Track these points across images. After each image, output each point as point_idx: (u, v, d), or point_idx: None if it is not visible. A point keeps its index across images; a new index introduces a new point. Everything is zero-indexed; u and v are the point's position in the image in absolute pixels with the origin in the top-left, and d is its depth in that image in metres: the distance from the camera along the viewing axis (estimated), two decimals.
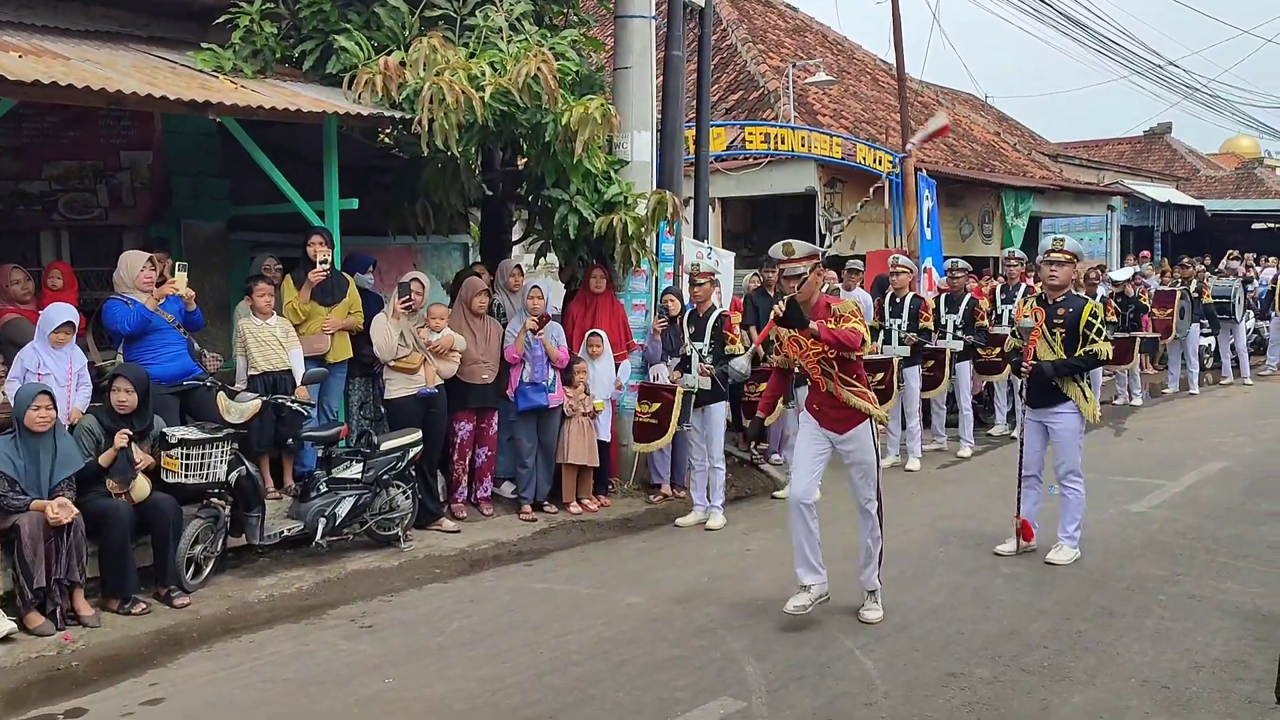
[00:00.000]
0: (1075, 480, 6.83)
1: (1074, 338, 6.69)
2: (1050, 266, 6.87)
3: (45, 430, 5.77)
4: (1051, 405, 6.79)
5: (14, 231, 8.05)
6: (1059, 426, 6.80)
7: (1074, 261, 6.91)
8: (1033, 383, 6.82)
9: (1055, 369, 6.67)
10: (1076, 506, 6.85)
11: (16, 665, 5.18)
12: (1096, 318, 6.70)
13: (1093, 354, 6.65)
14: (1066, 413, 6.77)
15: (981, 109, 27.78)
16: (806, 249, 5.49)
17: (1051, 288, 6.87)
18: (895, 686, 4.86)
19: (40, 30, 7.58)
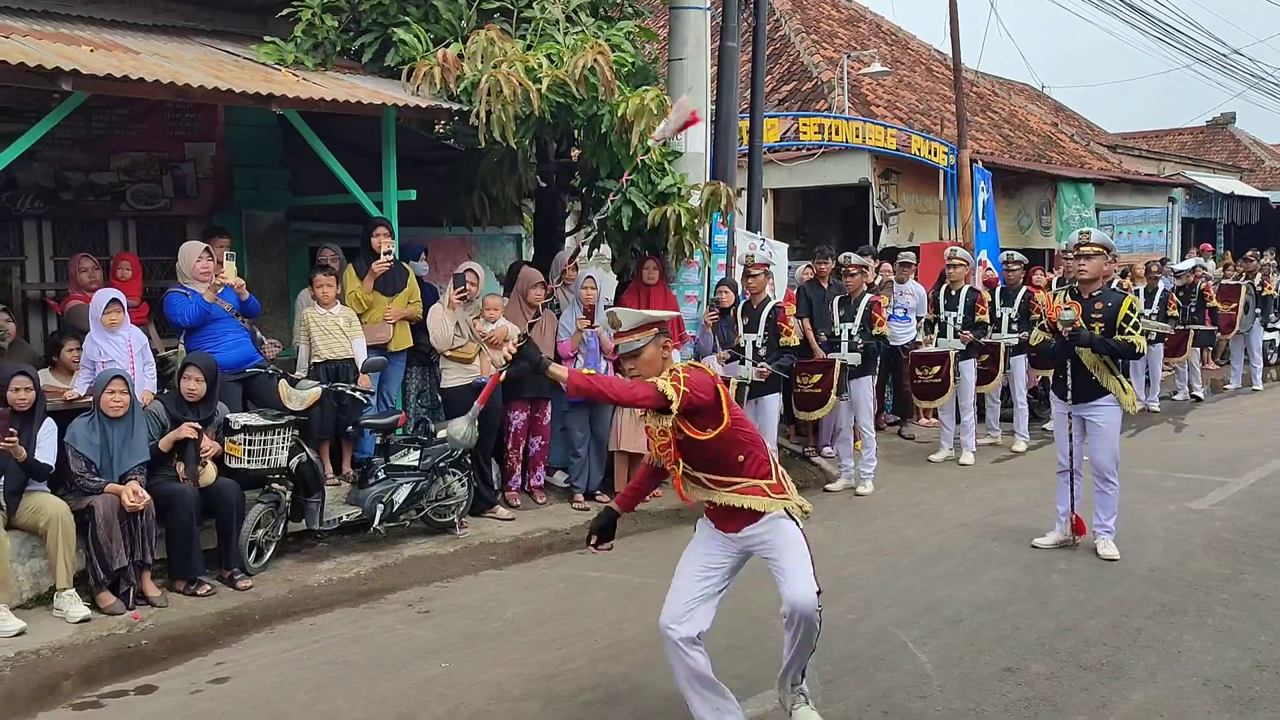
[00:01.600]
0: (1113, 474, 6.77)
1: (1112, 332, 6.59)
2: (1079, 260, 6.76)
3: (120, 415, 5.93)
4: (1091, 399, 6.71)
5: (84, 221, 8.27)
6: (1099, 420, 6.71)
7: (1104, 253, 6.76)
8: (1075, 376, 6.73)
9: (1093, 339, 6.55)
10: (1115, 500, 6.81)
11: (89, 643, 5.35)
12: (1135, 311, 6.62)
13: (1130, 343, 6.54)
14: (1106, 405, 6.69)
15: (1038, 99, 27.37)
16: (635, 319, 4.12)
17: (1083, 282, 6.76)
18: (950, 680, 4.85)
19: (110, 25, 7.76)
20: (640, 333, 4.10)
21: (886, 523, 7.84)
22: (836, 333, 8.83)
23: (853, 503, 8.50)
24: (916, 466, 9.78)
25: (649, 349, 4.10)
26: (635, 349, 4.10)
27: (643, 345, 4.09)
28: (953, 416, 10.03)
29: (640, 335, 4.10)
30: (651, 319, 4.14)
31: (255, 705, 4.61)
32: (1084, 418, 6.78)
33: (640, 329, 4.10)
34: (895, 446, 10.54)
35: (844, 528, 7.71)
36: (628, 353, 4.11)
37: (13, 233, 7.98)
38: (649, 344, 4.10)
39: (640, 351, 4.09)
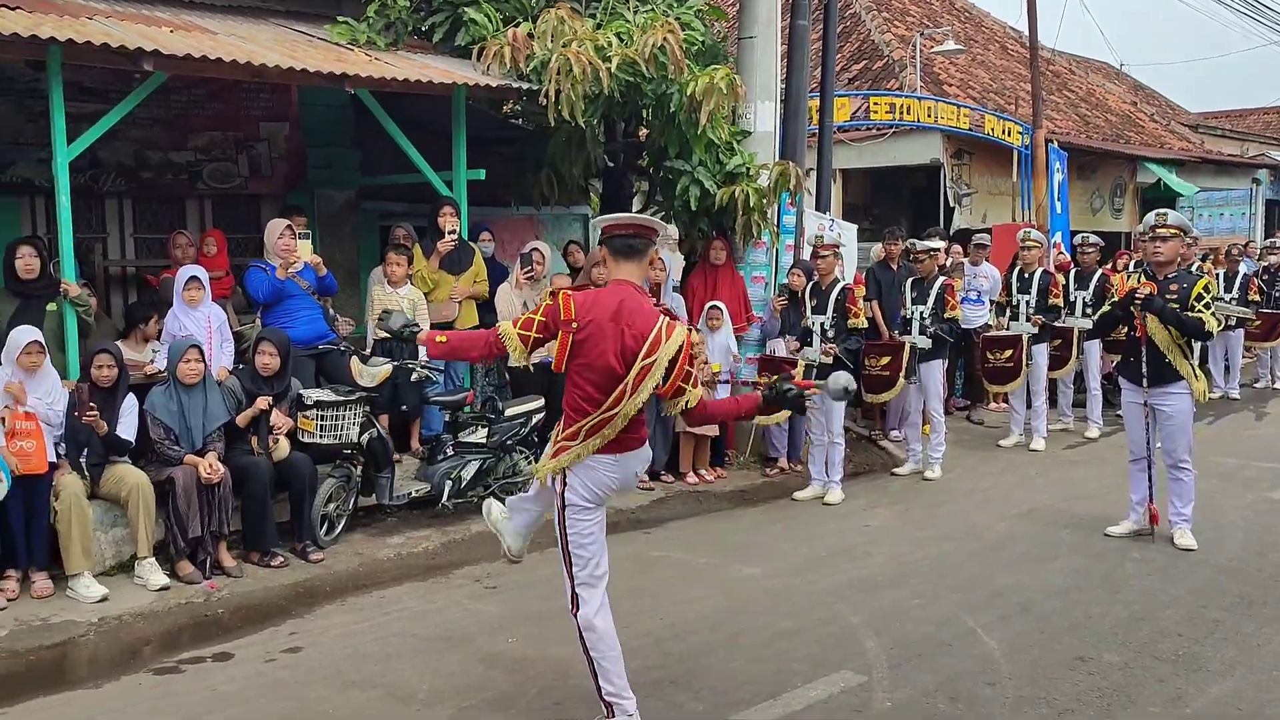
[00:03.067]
0: (1186, 462, 6.62)
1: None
2: (1155, 243, 6.57)
3: (195, 383, 6.09)
4: (1162, 385, 6.54)
5: (162, 199, 8.46)
6: (1171, 408, 6.55)
7: (1180, 236, 6.60)
8: (1148, 359, 6.56)
9: (1162, 308, 6.36)
10: (1190, 488, 6.66)
11: (168, 610, 5.51)
12: (1209, 292, 6.45)
13: (1200, 320, 6.34)
14: (1178, 393, 6.52)
15: (1116, 77, 26.65)
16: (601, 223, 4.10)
17: (1158, 264, 6.58)
18: (1019, 667, 4.78)
19: (187, 6, 7.90)
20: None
21: (954, 508, 7.74)
22: (907, 315, 8.71)
23: (920, 487, 8.41)
24: (985, 452, 9.63)
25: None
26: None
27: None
28: (1023, 401, 9.85)
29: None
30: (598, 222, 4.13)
31: (327, 675, 4.71)
32: (1155, 406, 6.62)
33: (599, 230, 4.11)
34: (964, 431, 10.39)
35: (912, 512, 7.63)
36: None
37: (96, 210, 8.19)
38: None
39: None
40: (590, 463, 3.96)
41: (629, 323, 3.86)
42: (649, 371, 3.84)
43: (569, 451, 3.96)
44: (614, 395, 3.86)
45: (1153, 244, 6.61)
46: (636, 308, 3.90)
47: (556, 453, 4.00)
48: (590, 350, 3.87)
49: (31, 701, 4.47)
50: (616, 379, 3.86)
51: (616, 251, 3.99)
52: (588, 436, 3.92)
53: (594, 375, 3.89)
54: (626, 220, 4.09)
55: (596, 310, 3.89)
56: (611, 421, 3.89)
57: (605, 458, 3.97)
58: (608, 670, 4.02)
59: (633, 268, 3.99)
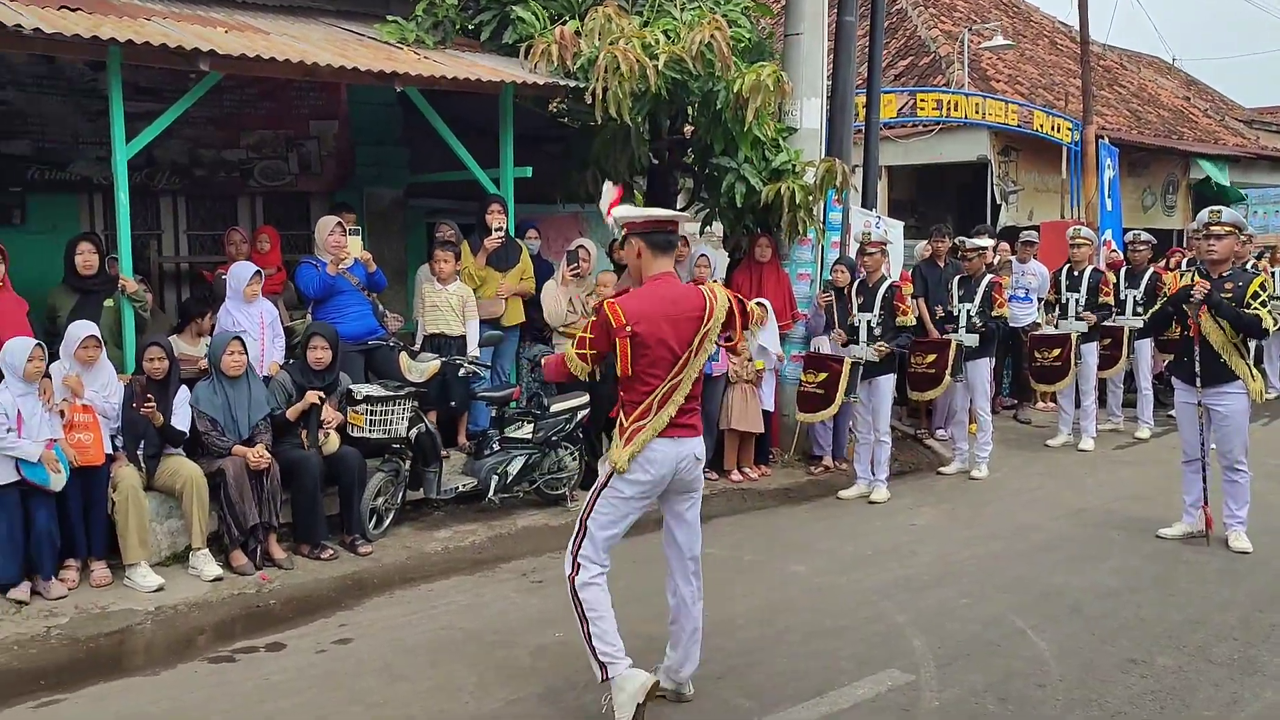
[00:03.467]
0: (1243, 464, 6.51)
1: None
2: (1209, 240, 6.46)
3: (239, 375, 6.19)
4: (1218, 384, 6.43)
5: (215, 197, 8.60)
6: (1227, 409, 6.43)
7: (1235, 234, 6.47)
8: (1203, 359, 6.45)
9: (1220, 302, 6.26)
10: (1246, 489, 6.55)
11: (222, 600, 5.61)
12: (1265, 290, 6.34)
13: (1257, 317, 6.24)
14: (1234, 393, 6.41)
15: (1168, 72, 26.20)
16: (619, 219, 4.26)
17: (1212, 262, 6.47)
18: (1070, 669, 4.73)
19: (240, 6, 8.02)
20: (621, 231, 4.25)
21: (1001, 507, 7.67)
22: (954, 312, 8.64)
23: (967, 486, 8.34)
24: (1033, 451, 9.53)
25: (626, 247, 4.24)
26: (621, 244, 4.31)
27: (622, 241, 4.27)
28: (1072, 401, 9.74)
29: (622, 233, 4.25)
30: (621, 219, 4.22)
31: (377, 667, 4.77)
32: (1210, 406, 6.52)
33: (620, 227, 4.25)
34: (1010, 430, 10.28)
35: (958, 511, 7.58)
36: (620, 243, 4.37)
37: (151, 207, 8.35)
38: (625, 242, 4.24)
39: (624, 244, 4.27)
40: (652, 444, 4.09)
41: (682, 309, 4.08)
42: (709, 335, 4.11)
43: (644, 430, 4.09)
44: (681, 364, 4.07)
45: (1207, 241, 6.50)
46: (683, 293, 4.15)
47: (630, 437, 4.11)
48: (653, 348, 4.04)
49: (93, 687, 4.57)
50: (679, 358, 4.07)
51: (657, 246, 4.15)
52: (659, 409, 4.08)
53: (658, 368, 4.06)
54: (663, 216, 4.25)
55: (645, 308, 4.05)
56: (679, 386, 4.07)
57: (664, 440, 4.10)
58: (603, 631, 4.14)
59: (669, 260, 4.22)
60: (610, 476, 4.17)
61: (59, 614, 5.31)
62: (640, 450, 4.08)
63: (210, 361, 6.26)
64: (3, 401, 5.36)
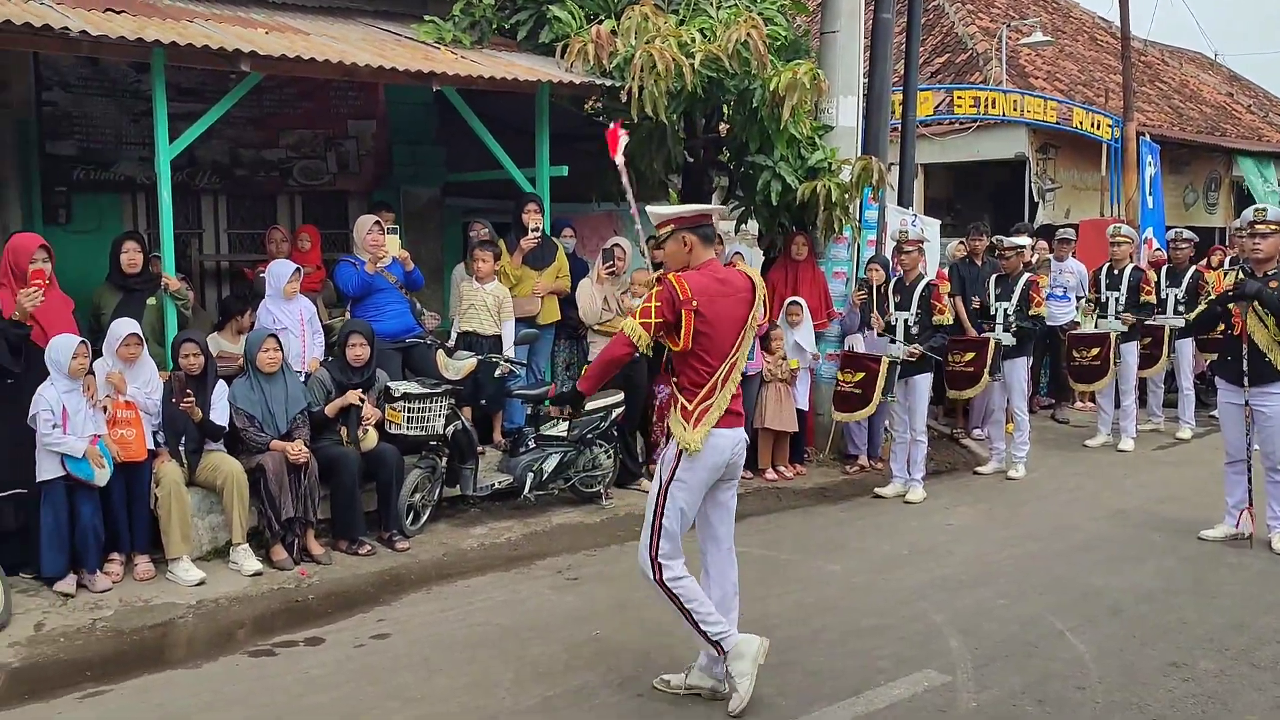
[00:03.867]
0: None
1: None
2: (1254, 239, 6.37)
3: (274, 371, 6.26)
4: (1263, 384, 6.33)
5: (255, 196, 8.70)
6: (1271, 409, 6.34)
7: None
8: (1251, 359, 6.36)
9: (1261, 291, 6.19)
10: None
11: (261, 595, 5.68)
12: None
13: None
14: (1278, 394, 6.32)
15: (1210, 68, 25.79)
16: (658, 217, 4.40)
17: (1256, 261, 6.39)
18: (1110, 671, 4.69)
19: (279, 7, 8.12)
20: (662, 228, 4.38)
21: (1039, 508, 7.61)
22: (991, 311, 8.58)
23: (1004, 486, 8.28)
24: (1071, 451, 9.44)
25: (670, 243, 4.36)
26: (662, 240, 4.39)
27: (664, 238, 4.37)
28: (1112, 401, 9.64)
29: (662, 230, 4.38)
30: (667, 215, 4.37)
31: (414, 661, 4.81)
32: (1255, 406, 6.42)
33: (661, 224, 4.38)
34: (1048, 430, 10.20)
35: (996, 511, 7.52)
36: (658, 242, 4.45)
37: (192, 206, 8.47)
38: (669, 238, 4.35)
39: (664, 244, 4.39)
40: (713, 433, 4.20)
41: (733, 288, 4.28)
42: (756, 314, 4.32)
43: (712, 408, 4.20)
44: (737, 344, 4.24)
45: (1251, 240, 6.41)
46: (730, 274, 4.35)
47: (699, 418, 4.19)
48: (713, 325, 4.18)
49: (137, 680, 4.64)
50: (736, 338, 4.23)
51: (705, 238, 4.36)
52: (722, 387, 4.22)
53: (714, 345, 4.19)
54: (707, 209, 4.50)
55: (705, 285, 4.21)
56: (737, 365, 4.24)
57: (722, 429, 4.22)
58: (705, 613, 4.28)
59: (712, 250, 4.43)
60: (674, 471, 4.26)
61: (104, 607, 5.40)
62: (708, 431, 4.18)
63: (246, 359, 6.34)
64: (49, 398, 5.46)
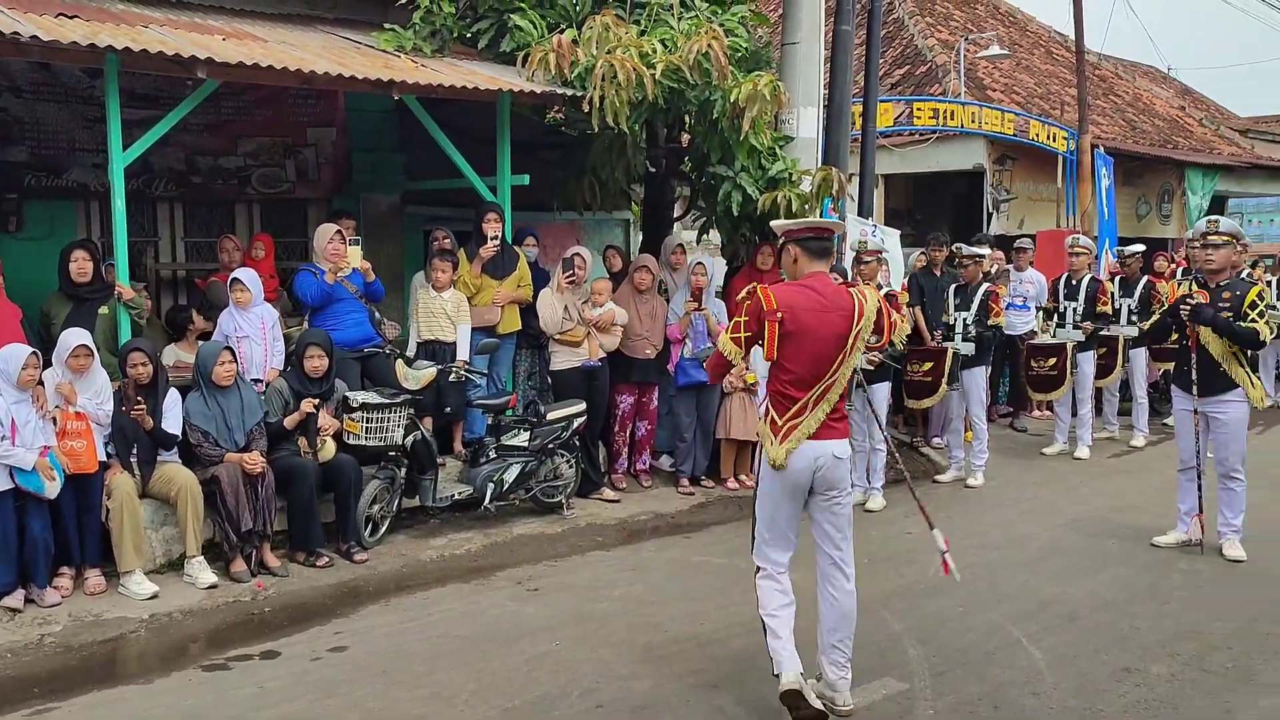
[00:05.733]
0: (1240, 472, 6.53)
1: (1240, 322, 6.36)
2: (1206, 250, 6.49)
3: (230, 384, 6.18)
4: (1218, 394, 6.46)
5: (212, 204, 8.60)
6: (1226, 416, 6.46)
7: (1233, 243, 6.52)
8: (1202, 369, 6.49)
9: (1214, 319, 6.33)
10: (1242, 498, 6.57)
11: (216, 608, 5.60)
12: (1262, 300, 6.38)
13: (1254, 330, 6.29)
14: (1234, 401, 6.45)
15: (1164, 82, 26.29)
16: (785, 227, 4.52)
17: (1210, 271, 6.52)
18: (1065, 678, 4.74)
19: (237, 14, 8.04)
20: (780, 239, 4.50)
21: (997, 516, 7.68)
22: (951, 321, 8.66)
23: (962, 494, 8.35)
24: (1029, 460, 9.54)
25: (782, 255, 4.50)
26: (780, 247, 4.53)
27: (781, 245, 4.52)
28: (1068, 409, 9.76)
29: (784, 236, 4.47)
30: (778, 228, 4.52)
31: (373, 674, 4.76)
32: (1208, 413, 6.54)
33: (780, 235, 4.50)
34: (1007, 439, 10.30)
35: (954, 520, 7.57)
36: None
37: (147, 214, 8.35)
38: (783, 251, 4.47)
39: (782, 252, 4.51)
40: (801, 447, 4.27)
41: (831, 305, 4.27)
42: (860, 335, 4.29)
43: (799, 427, 4.26)
44: (834, 364, 4.24)
45: (1204, 251, 6.53)
46: (833, 291, 4.34)
47: (786, 434, 4.27)
48: (801, 337, 4.22)
49: (87, 696, 4.56)
50: (831, 356, 4.24)
51: (813, 251, 4.39)
52: (814, 407, 4.27)
53: (805, 356, 4.23)
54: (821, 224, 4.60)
55: (794, 299, 4.26)
56: (835, 386, 4.27)
57: (810, 442, 4.27)
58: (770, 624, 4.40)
59: (824, 264, 4.44)
60: (758, 480, 4.45)
61: (53, 622, 5.30)
62: (796, 446, 4.25)
63: (199, 373, 6.22)
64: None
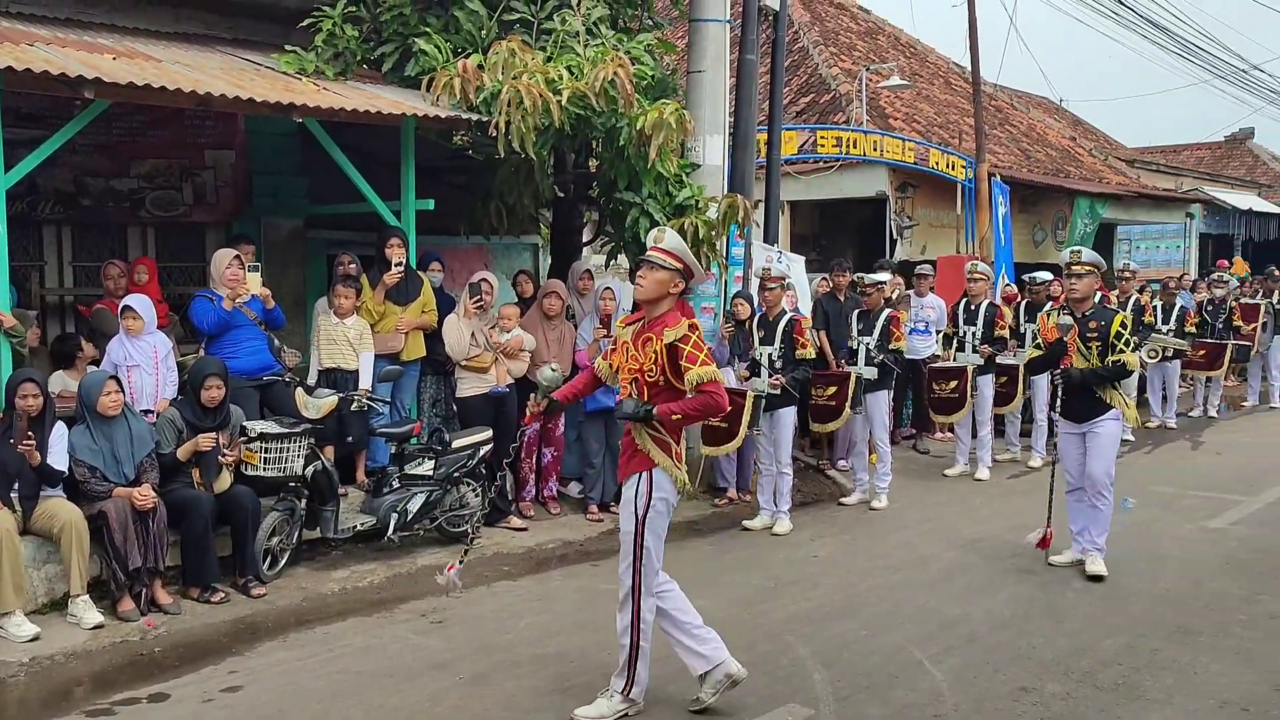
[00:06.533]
0: (1107, 489, 6.73)
1: (1109, 350, 6.58)
2: (1070, 280, 6.75)
3: (117, 414, 5.96)
4: (1094, 417, 6.68)
5: (103, 227, 8.32)
6: (1101, 432, 6.68)
7: (1095, 272, 6.77)
8: (1068, 395, 6.71)
9: (1084, 376, 6.58)
10: (1107, 517, 6.78)
11: (103, 649, 5.37)
12: (1126, 328, 6.61)
13: (1121, 364, 6.55)
14: (1109, 419, 6.68)
15: (1056, 113, 27.28)
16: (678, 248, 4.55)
17: (1075, 301, 6.75)
18: (965, 699, 4.82)
19: (131, 32, 7.81)
20: (670, 258, 4.52)
21: (901, 538, 7.80)
22: (854, 346, 8.81)
23: (867, 517, 8.47)
24: (931, 481, 9.73)
25: (663, 274, 4.51)
26: (655, 263, 4.51)
27: (662, 268, 4.51)
28: (969, 431, 9.99)
29: (668, 259, 4.51)
30: (685, 258, 4.55)
31: (268, 715, 4.61)
32: (1085, 433, 6.74)
33: (672, 255, 4.52)
34: (910, 460, 10.49)
35: (858, 542, 7.68)
36: (648, 263, 4.53)
37: (33, 238, 8.03)
38: (667, 271, 4.51)
39: (657, 269, 4.51)
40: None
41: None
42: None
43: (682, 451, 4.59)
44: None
45: (1068, 281, 6.78)
46: None
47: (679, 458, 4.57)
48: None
49: None
50: None
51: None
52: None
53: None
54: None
55: None
56: None
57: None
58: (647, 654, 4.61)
59: None
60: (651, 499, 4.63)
61: None
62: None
63: (84, 404, 5.95)
64: None
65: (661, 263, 4.50)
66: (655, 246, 4.55)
